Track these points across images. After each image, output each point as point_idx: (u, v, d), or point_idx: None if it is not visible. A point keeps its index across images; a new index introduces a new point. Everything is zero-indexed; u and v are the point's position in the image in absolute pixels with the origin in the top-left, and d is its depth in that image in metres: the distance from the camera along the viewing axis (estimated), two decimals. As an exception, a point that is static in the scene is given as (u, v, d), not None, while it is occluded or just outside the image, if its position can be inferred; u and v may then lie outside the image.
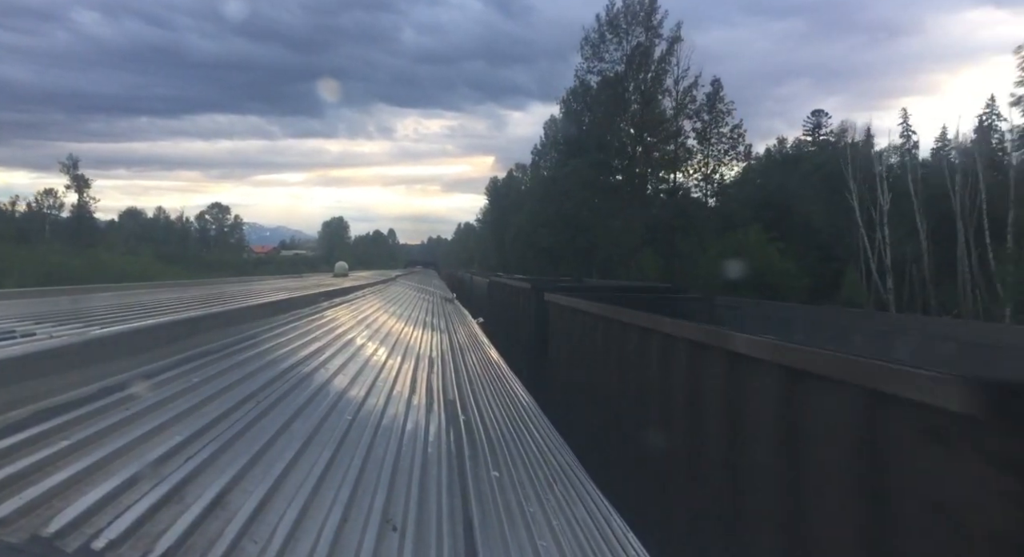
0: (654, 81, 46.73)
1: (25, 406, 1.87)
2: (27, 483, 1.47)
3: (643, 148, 46.71)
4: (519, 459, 3.73)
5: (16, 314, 3.93)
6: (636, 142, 47.08)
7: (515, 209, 67.69)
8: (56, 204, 79.55)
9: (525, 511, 2.84)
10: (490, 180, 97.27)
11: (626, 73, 46.85)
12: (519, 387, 6.74)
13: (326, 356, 4.21)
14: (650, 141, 46.84)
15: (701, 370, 4.60)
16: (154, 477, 1.68)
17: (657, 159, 47.07)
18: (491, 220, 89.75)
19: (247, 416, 2.43)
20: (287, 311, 5.51)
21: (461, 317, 13.59)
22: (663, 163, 47.16)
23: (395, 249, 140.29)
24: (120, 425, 1.96)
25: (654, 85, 46.64)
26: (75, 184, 76.25)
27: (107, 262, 40.23)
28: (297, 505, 1.85)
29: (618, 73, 47.02)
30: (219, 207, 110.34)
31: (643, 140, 46.74)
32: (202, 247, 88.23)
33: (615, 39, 46.95)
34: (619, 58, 46.96)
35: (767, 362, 3.61)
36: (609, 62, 47.32)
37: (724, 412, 4.20)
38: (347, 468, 2.32)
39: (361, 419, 3.06)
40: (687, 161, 47.03)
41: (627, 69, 46.72)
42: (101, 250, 50.41)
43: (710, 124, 46.28)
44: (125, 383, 2.33)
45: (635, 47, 46.22)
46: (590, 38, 47.38)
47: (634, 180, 47.03)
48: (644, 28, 46.20)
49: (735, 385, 4.06)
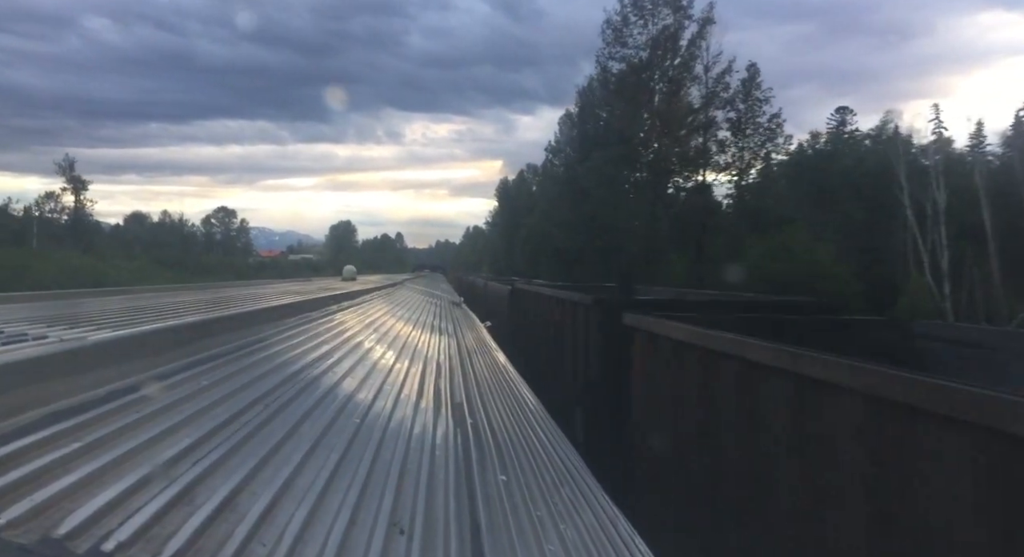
0: (682, 67, 42.62)
1: (37, 408, 1.89)
2: (38, 485, 1.48)
3: (670, 141, 42.56)
4: (526, 462, 3.73)
5: (28, 317, 3.96)
6: (662, 135, 42.58)
7: (526, 211, 65.79)
8: (58, 208, 77.99)
9: (532, 515, 2.83)
10: (500, 181, 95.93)
11: (650, 60, 42.75)
12: (526, 390, 6.74)
13: (334, 359, 4.22)
14: (678, 134, 42.57)
15: None
16: (164, 479, 1.69)
17: (683, 153, 42.98)
18: (501, 223, 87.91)
19: (256, 419, 2.44)
20: (296, 314, 5.53)
21: (468, 321, 13.60)
22: (689, 158, 42.94)
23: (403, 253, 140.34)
24: (130, 427, 1.97)
25: (682, 72, 42.63)
26: (72, 186, 74.63)
27: (85, 266, 38.65)
28: (305, 508, 1.85)
29: (642, 59, 43.00)
30: (225, 211, 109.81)
31: (670, 132, 42.35)
32: (207, 251, 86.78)
33: (639, 22, 42.88)
34: (644, 43, 42.84)
35: None
36: (633, 48, 43.21)
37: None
38: (355, 471, 2.33)
39: (369, 422, 3.07)
40: (720, 154, 42.61)
41: (652, 55, 42.68)
42: (95, 254, 48.86)
43: (745, 114, 42.06)
44: (135, 386, 2.34)
45: (661, 30, 42.22)
46: (612, 21, 43.33)
47: (659, 176, 42.92)
48: (672, 9, 42.12)
49: None
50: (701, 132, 42.73)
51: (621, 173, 42.82)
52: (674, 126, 42.43)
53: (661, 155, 42.94)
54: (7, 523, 1.30)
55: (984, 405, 2.72)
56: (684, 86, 42.70)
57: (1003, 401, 2.65)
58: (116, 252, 58.64)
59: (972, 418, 2.76)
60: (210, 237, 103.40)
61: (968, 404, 2.79)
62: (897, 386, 3.19)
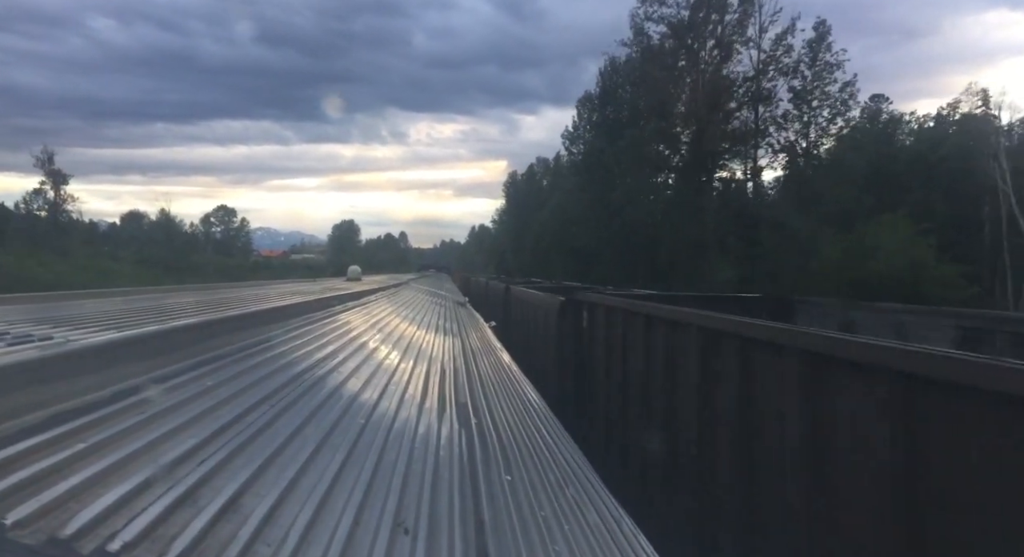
0: (732, 28, 34.94)
1: (43, 409, 1.89)
2: (44, 485, 1.49)
3: (718, 116, 35.02)
4: (531, 462, 3.73)
5: (32, 318, 3.97)
6: (709, 109, 34.65)
7: (537, 207, 62.36)
8: (46, 205, 68.53)
9: (537, 514, 2.84)
10: (508, 176, 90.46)
11: (694, 20, 35.68)
12: (531, 390, 6.73)
13: (339, 360, 4.23)
14: (727, 107, 35.23)
15: None
16: (168, 480, 1.70)
17: (732, 131, 35.65)
18: (508, 220, 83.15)
19: (260, 419, 2.45)
20: (300, 315, 5.54)
21: (473, 321, 13.60)
22: (740, 136, 35.75)
23: (407, 252, 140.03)
24: (135, 428, 1.98)
25: (732, 33, 35.01)
26: (51, 181, 66.76)
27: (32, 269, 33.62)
28: (310, 508, 1.86)
29: (684, 20, 35.98)
30: (224, 209, 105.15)
31: (718, 106, 34.80)
32: (204, 251, 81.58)
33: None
34: (686, 1, 35.73)
35: None
36: (673, 6, 35.94)
37: None
38: (359, 471, 2.33)
39: (373, 422, 3.07)
40: (779, 130, 34.98)
41: (695, 15, 35.56)
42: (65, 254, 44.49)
43: (811, 82, 34.44)
44: (140, 387, 2.35)
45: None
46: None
47: (703, 158, 35.35)
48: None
49: None
50: (754, 105, 35.30)
51: (657, 154, 35.53)
52: (723, 98, 35.18)
53: (706, 133, 34.76)
54: (14, 524, 1.30)
55: (877, 353, 3.65)
56: (735, 50, 35.39)
57: (891, 349, 3.58)
58: (103, 252, 54.48)
59: (871, 361, 3.65)
60: (209, 236, 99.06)
61: (868, 353, 3.71)
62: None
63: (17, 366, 2.06)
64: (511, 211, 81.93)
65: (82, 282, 22.14)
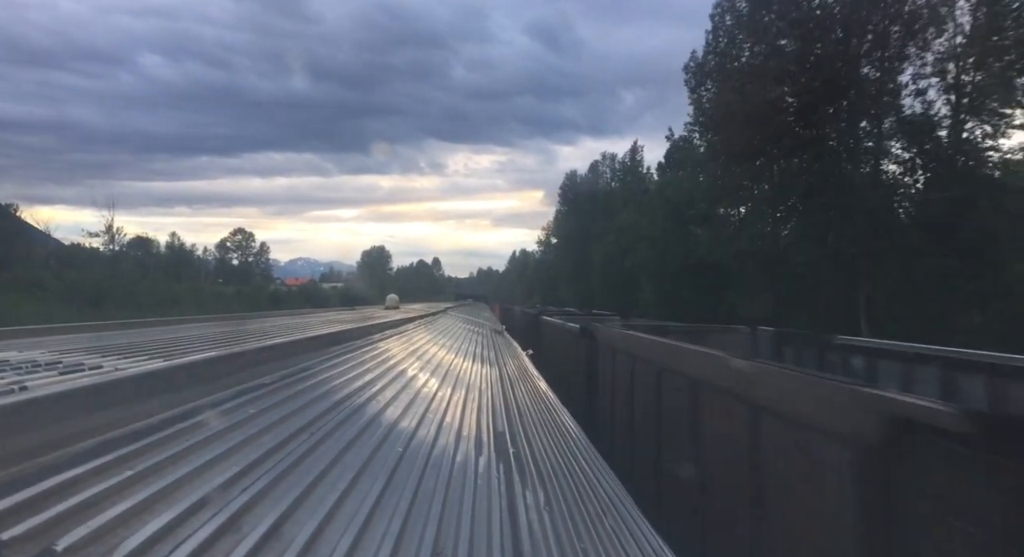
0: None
1: (94, 437, 1.95)
2: (95, 511, 1.53)
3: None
4: (569, 492, 3.69)
5: (82, 347, 4.09)
6: (896, 59, 21.72)
7: (605, 215, 45.65)
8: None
9: (576, 546, 2.80)
10: (565, 176, 66.51)
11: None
12: (568, 419, 6.69)
13: (378, 388, 4.26)
14: (915, 53, 21.47)
15: None
16: (212, 507, 1.73)
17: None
18: (562, 238, 64.00)
19: (301, 447, 2.48)
20: (341, 343, 5.61)
21: (511, 349, 13.59)
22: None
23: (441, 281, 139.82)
24: (180, 456, 2.02)
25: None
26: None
27: None
28: (349, 536, 1.87)
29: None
30: (242, 233, 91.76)
31: (903, 54, 21.72)
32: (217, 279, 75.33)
33: None
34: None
35: None
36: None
37: None
38: (398, 499, 2.34)
39: (412, 451, 3.08)
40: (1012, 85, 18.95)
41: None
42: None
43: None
44: (185, 414, 2.41)
45: None
46: None
47: (880, 133, 22.29)
48: None
49: None
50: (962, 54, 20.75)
51: (814, 124, 22.31)
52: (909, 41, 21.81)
53: (882, 97, 22.05)
54: (65, 549, 1.34)
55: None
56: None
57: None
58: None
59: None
60: (224, 264, 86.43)
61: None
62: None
63: (67, 395, 2.12)
64: (566, 224, 62.44)
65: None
